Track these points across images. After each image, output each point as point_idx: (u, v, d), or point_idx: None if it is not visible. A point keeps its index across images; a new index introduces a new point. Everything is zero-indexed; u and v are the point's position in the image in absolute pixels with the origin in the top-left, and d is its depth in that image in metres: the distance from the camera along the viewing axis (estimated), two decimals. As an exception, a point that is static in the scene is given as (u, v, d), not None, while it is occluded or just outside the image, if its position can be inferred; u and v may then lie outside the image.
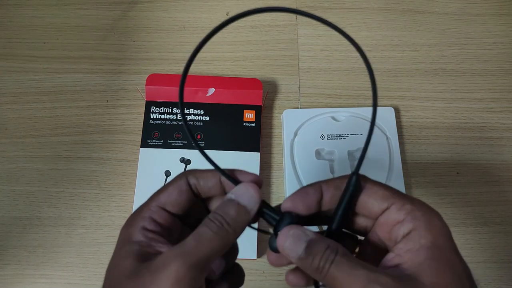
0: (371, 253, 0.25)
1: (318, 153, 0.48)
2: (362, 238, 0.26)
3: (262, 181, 0.25)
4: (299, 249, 0.22)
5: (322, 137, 0.48)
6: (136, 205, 0.46)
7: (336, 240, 0.23)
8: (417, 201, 0.23)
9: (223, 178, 0.25)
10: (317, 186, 0.25)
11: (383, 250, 0.24)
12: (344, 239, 0.25)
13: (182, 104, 0.23)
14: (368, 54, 0.56)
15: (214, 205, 0.27)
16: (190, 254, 0.21)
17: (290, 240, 0.22)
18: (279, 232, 0.23)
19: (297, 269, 0.26)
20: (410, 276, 0.20)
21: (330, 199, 0.24)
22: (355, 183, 0.23)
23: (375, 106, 0.24)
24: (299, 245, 0.22)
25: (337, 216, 0.24)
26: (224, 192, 0.25)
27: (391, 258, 0.22)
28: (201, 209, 0.27)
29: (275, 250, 0.24)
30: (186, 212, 0.25)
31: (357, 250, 0.27)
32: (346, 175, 0.24)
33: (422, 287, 0.20)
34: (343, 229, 0.25)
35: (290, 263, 0.26)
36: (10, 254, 0.45)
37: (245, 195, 0.23)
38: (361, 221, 0.25)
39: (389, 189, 0.24)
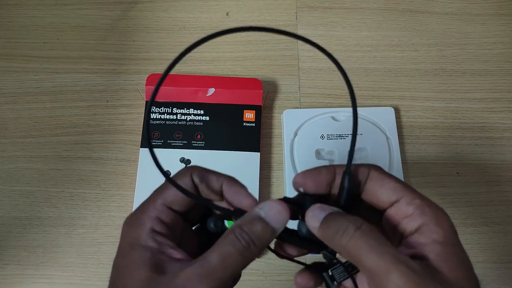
0: None
1: (318, 153, 0.48)
2: None
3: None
4: (322, 216, 0.22)
5: (322, 137, 0.48)
6: (136, 205, 0.46)
7: None
8: (426, 198, 0.23)
9: (224, 187, 0.24)
10: (331, 168, 0.25)
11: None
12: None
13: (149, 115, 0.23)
14: (368, 54, 0.57)
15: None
16: (215, 276, 0.20)
17: (316, 210, 0.23)
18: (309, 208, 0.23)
19: (304, 270, 0.26)
20: (431, 267, 0.21)
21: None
22: (348, 180, 0.24)
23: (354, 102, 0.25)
24: (322, 213, 0.22)
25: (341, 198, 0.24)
26: (222, 199, 0.25)
27: (404, 251, 0.22)
28: (201, 205, 0.26)
29: (304, 234, 0.24)
30: (189, 209, 0.25)
31: None
32: (361, 163, 0.25)
33: (444, 278, 0.20)
34: None
35: (317, 286, 0.25)
36: (10, 254, 0.45)
37: (276, 217, 0.22)
38: (367, 217, 0.25)
39: (401, 182, 0.24)
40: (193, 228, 0.27)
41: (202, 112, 0.50)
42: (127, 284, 0.21)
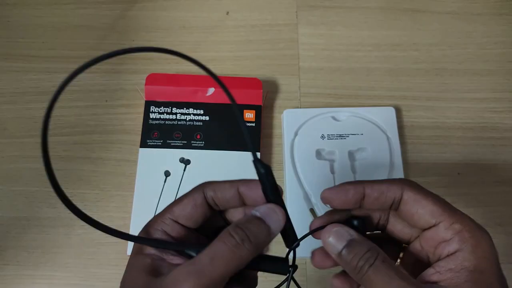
0: (413, 261, 0.25)
1: (318, 153, 0.48)
2: (407, 245, 0.26)
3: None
4: (340, 246, 0.23)
5: (323, 137, 0.48)
6: (135, 206, 0.46)
7: None
8: (467, 221, 0.23)
9: (242, 190, 0.24)
10: (359, 187, 0.24)
11: (425, 261, 0.24)
12: (388, 245, 0.26)
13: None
14: (369, 54, 0.57)
15: (231, 216, 0.26)
16: (204, 274, 0.20)
17: (334, 236, 0.23)
18: (325, 228, 0.24)
19: (341, 274, 0.26)
20: None
21: (372, 202, 0.24)
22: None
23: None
24: (340, 242, 0.23)
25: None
26: (242, 204, 0.25)
27: (430, 274, 0.22)
28: (218, 220, 0.26)
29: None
30: (201, 224, 0.25)
31: (401, 255, 0.26)
32: (393, 179, 0.25)
33: None
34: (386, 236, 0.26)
35: (334, 265, 0.26)
36: (9, 254, 0.45)
37: (272, 216, 0.23)
38: (406, 230, 0.25)
39: (439, 203, 0.23)
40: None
41: (201, 112, 0.49)
42: (128, 287, 0.22)
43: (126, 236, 0.23)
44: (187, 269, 0.20)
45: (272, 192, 0.24)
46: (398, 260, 0.26)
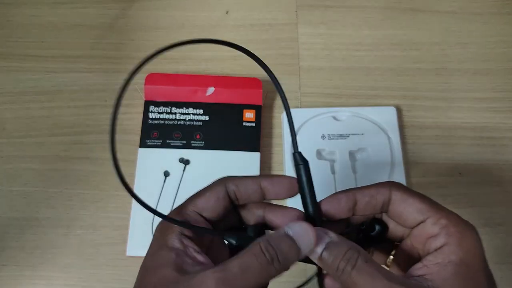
0: (405, 258, 0.26)
1: (319, 153, 0.48)
2: (398, 243, 0.27)
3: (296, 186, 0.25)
4: (319, 249, 0.22)
5: (323, 137, 0.48)
6: (134, 206, 0.45)
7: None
8: (453, 216, 0.23)
9: (264, 184, 0.25)
10: (350, 195, 0.25)
11: (417, 257, 0.25)
12: (379, 243, 0.26)
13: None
14: (369, 53, 0.56)
15: (247, 212, 0.27)
16: (233, 284, 0.20)
17: (313, 238, 0.23)
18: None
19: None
20: None
21: (364, 207, 0.25)
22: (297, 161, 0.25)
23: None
24: (319, 245, 0.23)
25: (307, 200, 0.25)
26: (263, 199, 0.26)
27: (418, 268, 0.23)
28: (231, 213, 0.27)
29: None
30: (221, 218, 0.26)
31: (393, 253, 0.27)
32: (380, 183, 0.25)
33: None
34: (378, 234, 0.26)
35: None
36: (7, 255, 0.45)
37: (304, 237, 0.23)
38: (398, 228, 0.26)
39: (426, 201, 0.24)
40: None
41: (201, 111, 0.49)
42: (152, 282, 0.22)
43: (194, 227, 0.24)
44: (216, 275, 0.20)
45: (309, 186, 0.24)
46: (391, 257, 0.27)
